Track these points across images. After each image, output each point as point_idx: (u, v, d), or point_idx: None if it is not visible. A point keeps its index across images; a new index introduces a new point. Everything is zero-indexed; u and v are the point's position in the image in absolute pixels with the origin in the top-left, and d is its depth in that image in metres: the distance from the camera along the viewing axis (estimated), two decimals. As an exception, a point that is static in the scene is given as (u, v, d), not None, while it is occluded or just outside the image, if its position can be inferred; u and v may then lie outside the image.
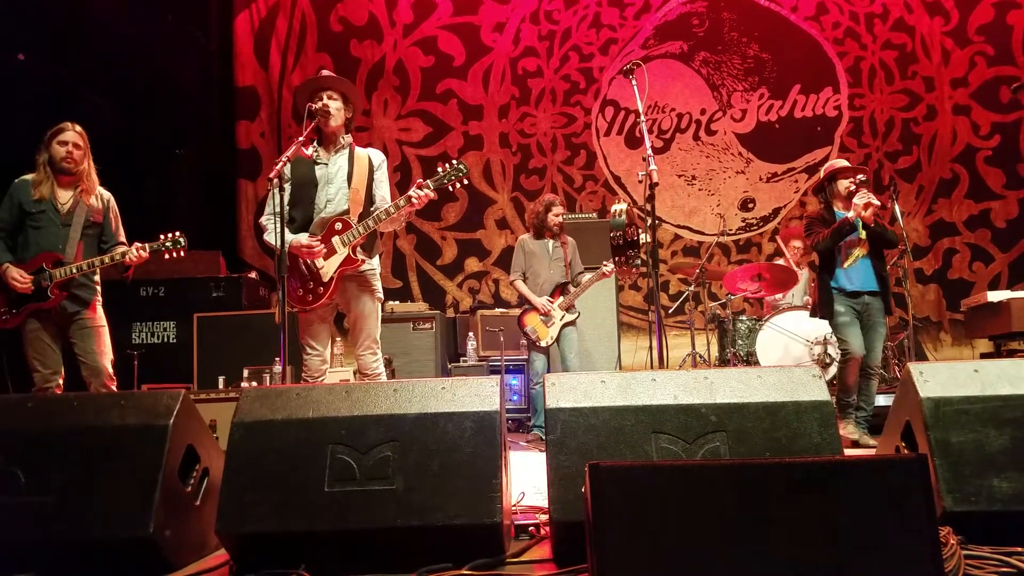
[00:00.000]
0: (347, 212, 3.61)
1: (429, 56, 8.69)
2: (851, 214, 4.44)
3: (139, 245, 3.89)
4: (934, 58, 8.29)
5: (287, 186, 3.55)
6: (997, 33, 8.18)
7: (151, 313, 6.54)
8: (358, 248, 3.61)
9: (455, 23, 8.69)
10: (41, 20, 6.46)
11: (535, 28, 8.66)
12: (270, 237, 3.58)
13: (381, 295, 3.78)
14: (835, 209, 4.72)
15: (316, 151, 3.68)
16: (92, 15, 6.92)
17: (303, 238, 3.54)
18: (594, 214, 7.50)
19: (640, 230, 3.62)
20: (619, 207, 3.55)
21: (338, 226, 3.55)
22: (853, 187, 4.53)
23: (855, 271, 4.58)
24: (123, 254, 3.84)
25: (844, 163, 4.88)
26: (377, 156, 3.81)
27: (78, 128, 3.93)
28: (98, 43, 6.94)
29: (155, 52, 7.58)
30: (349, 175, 3.65)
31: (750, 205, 8.43)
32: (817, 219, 4.73)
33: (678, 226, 8.49)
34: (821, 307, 4.71)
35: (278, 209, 3.34)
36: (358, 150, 3.74)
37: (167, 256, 3.97)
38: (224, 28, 8.74)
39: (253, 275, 7.41)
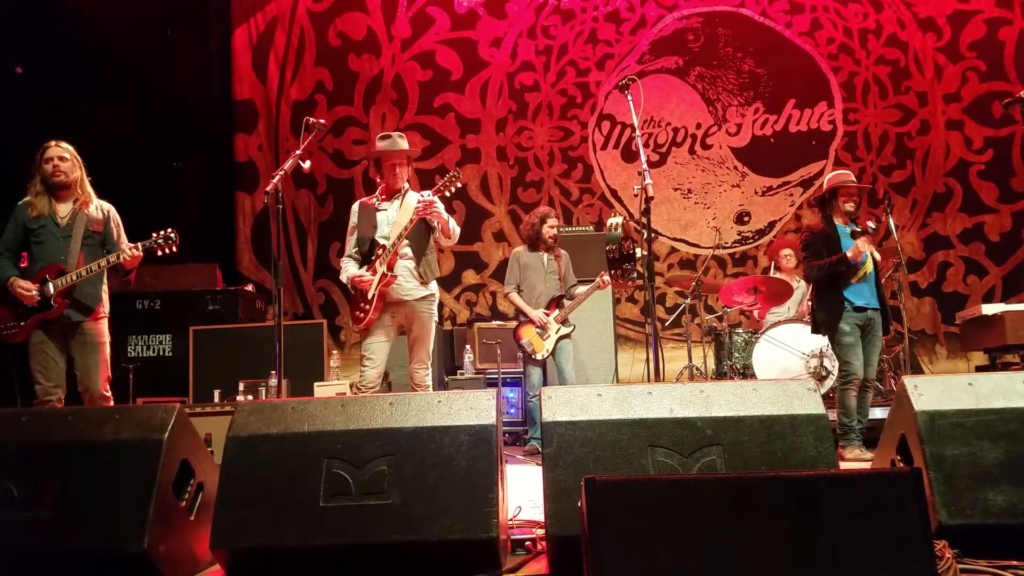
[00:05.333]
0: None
1: (427, 70, 8.73)
2: (850, 254, 4.42)
3: (131, 245, 3.97)
4: (927, 73, 8.35)
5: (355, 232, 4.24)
6: (989, 49, 8.24)
7: (147, 326, 6.53)
8: (412, 271, 4.15)
9: (453, 38, 8.73)
10: (42, 33, 6.49)
11: (532, 43, 8.71)
12: (343, 276, 4.20)
13: (436, 319, 4.35)
14: (836, 223, 4.64)
15: (378, 199, 4.27)
16: (92, 27, 6.96)
17: (359, 271, 4.12)
18: (591, 227, 7.51)
19: (636, 243, 3.63)
20: (615, 220, 3.57)
21: (379, 252, 4.12)
22: (859, 229, 4.48)
23: (863, 286, 4.56)
24: (117, 256, 3.90)
25: (847, 176, 4.74)
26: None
27: (63, 144, 4.02)
28: (98, 55, 6.97)
29: (154, 65, 7.61)
30: (401, 214, 4.19)
31: (746, 218, 8.46)
32: (820, 234, 4.63)
33: (674, 239, 8.52)
34: (825, 323, 4.58)
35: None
36: (410, 193, 4.27)
37: (159, 252, 4.03)
38: (223, 42, 8.78)
39: (250, 288, 7.41)
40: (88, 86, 6.86)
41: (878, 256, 4.51)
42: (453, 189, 4.10)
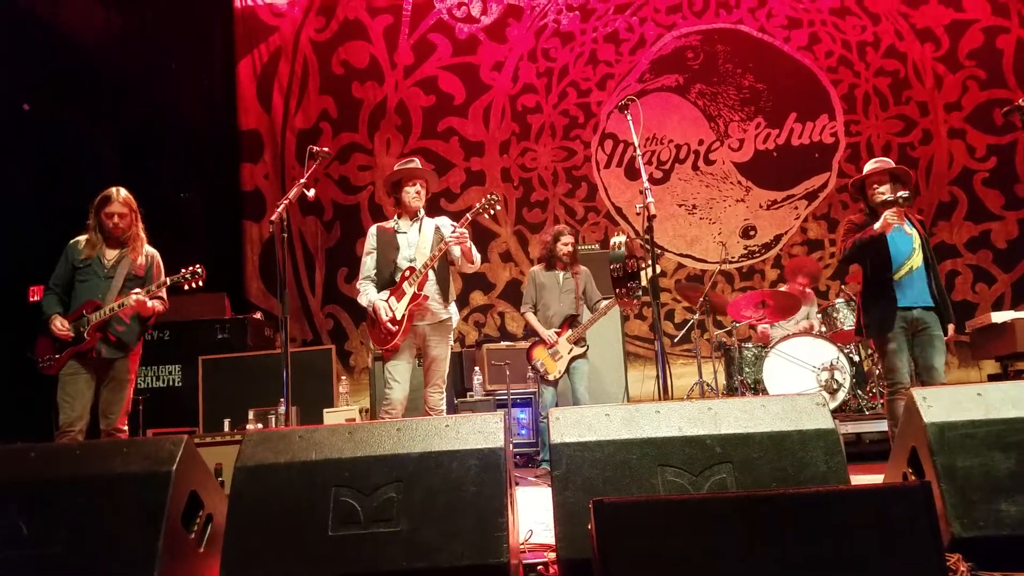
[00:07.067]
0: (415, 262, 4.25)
1: (430, 96, 8.82)
2: (877, 227, 3.99)
3: (160, 283, 4.06)
4: (927, 83, 8.37)
5: (373, 253, 4.29)
6: (988, 57, 8.26)
7: (156, 356, 6.54)
8: (435, 295, 4.18)
9: (455, 63, 8.83)
10: (51, 67, 6.60)
11: (533, 66, 8.79)
12: (363, 300, 4.21)
13: (453, 342, 4.36)
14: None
15: (397, 222, 4.33)
16: (99, 61, 7.07)
17: (382, 302, 4.12)
18: (596, 245, 7.53)
19: (643, 261, 3.63)
20: (618, 239, 3.58)
21: (407, 273, 4.16)
22: (889, 197, 4.03)
23: (908, 284, 4.07)
24: (147, 291, 3.99)
25: (878, 165, 4.32)
26: (446, 226, 4.37)
27: (122, 196, 4.10)
28: (102, 86, 7.07)
29: (160, 97, 7.72)
30: (421, 237, 4.28)
31: (751, 232, 8.46)
32: (862, 226, 4.18)
33: (680, 255, 8.51)
34: (874, 327, 4.09)
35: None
36: (426, 220, 4.36)
37: (187, 287, 4.12)
38: (227, 73, 8.90)
39: (258, 316, 7.43)
40: (92, 118, 6.95)
41: (902, 224, 4.02)
42: (492, 212, 4.23)
